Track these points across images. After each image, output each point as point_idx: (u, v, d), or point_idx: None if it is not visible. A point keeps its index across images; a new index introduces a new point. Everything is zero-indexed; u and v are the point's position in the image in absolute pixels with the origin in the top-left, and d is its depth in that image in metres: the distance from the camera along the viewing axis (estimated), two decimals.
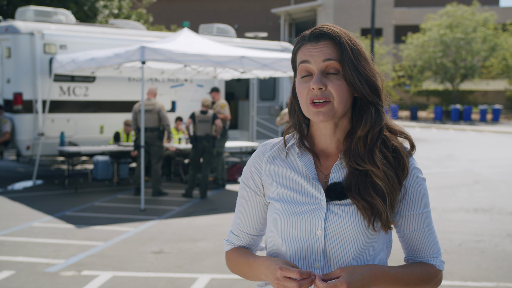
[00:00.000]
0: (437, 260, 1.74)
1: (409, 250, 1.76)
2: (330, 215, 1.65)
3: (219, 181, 11.25)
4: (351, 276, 1.55)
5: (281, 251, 1.70)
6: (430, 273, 1.72)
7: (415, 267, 1.71)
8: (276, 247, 1.72)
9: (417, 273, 1.69)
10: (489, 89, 40.23)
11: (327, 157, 1.72)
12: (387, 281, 1.63)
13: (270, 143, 1.80)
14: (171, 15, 45.10)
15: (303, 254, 1.66)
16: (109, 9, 21.70)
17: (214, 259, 6.41)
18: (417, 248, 1.73)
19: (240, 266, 1.80)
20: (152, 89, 10.44)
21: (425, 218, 1.72)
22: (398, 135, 1.73)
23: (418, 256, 1.74)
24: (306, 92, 1.64)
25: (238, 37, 14.61)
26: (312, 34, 1.66)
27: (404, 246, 1.77)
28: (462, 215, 8.90)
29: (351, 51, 1.63)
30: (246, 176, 1.81)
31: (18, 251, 6.63)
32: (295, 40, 1.72)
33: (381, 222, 1.63)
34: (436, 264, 1.74)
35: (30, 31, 11.22)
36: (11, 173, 12.99)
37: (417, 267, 1.71)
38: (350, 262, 1.64)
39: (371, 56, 1.72)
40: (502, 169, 14.24)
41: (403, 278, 1.66)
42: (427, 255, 1.74)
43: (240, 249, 1.84)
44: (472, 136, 24.53)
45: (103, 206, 9.38)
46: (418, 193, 1.71)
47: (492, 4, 45.32)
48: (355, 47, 1.65)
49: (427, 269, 1.72)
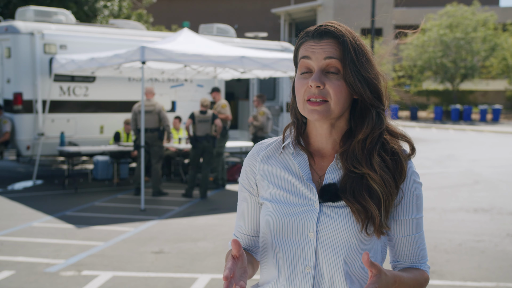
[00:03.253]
0: (425, 265, 1.72)
1: (398, 255, 1.71)
2: (322, 217, 1.61)
3: (219, 181, 11.25)
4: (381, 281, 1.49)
5: (273, 252, 1.67)
6: (425, 278, 1.70)
7: (415, 272, 1.68)
8: (268, 248, 1.68)
9: (418, 278, 1.67)
10: (489, 89, 40.23)
11: (322, 157, 1.69)
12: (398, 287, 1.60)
13: (265, 143, 1.77)
14: (171, 15, 45.09)
15: (295, 256, 1.63)
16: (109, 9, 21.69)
17: (214, 259, 6.41)
18: (409, 253, 1.70)
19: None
20: (149, 89, 10.39)
21: (418, 224, 1.69)
22: (398, 138, 1.68)
23: (409, 261, 1.71)
24: (304, 89, 1.61)
25: (238, 37, 14.61)
26: (316, 31, 1.63)
27: (392, 250, 1.72)
28: (462, 215, 8.90)
29: (354, 51, 1.60)
30: (242, 176, 1.78)
31: (18, 251, 6.63)
32: (299, 36, 1.68)
33: (373, 227, 1.59)
34: (426, 270, 1.72)
35: (30, 31, 11.22)
36: (11, 173, 12.99)
37: (416, 273, 1.68)
38: (342, 266, 1.60)
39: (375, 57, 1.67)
40: (502, 169, 14.24)
41: (411, 284, 1.63)
42: (418, 261, 1.71)
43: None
44: (472, 136, 24.53)
45: (103, 206, 9.38)
46: (414, 198, 1.67)
47: (492, 4, 45.33)
48: (358, 48, 1.61)
49: (422, 274, 1.69)
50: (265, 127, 11.29)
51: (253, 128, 11.39)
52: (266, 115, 11.30)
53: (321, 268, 1.61)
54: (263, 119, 11.24)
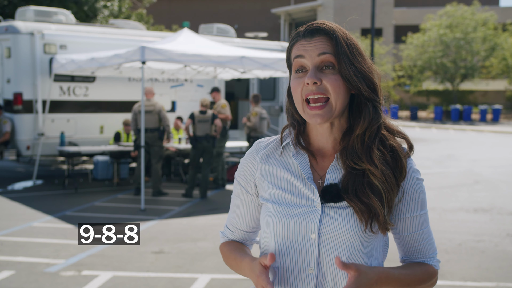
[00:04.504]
0: (434, 260, 1.72)
1: (406, 251, 1.72)
2: (325, 218, 1.60)
3: (219, 181, 11.26)
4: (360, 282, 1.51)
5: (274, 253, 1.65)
6: (429, 273, 1.70)
7: (415, 267, 1.69)
8: (270, 250, 1.67)
9: (417, 273, 1.67)
10: (489, 89, 40.23)
11: (323, 157, 1.67)
12: (390, 283, 1.60)
13: (264, 141, 1.76)
14: (171, 15, 45.10)
15: (297, 258, 1.61)
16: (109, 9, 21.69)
17: (214, 259, 6.41)
18: (415, 249, 1.70)
19: (230, 261, 1.78)
20: (149, 88, 10.38)
21: (423, 220, 1.69)
22: (396, 135, 1.68)
23: (416, 257, 1.71)
24: (300, 88, 1.60)
25: (238, 37, 14.61)
26: (307, 29, 1.63)
27: (400, 248, 1.73)
28: (462, 215, 8.90)
29: (346, 45, 1.60)
30: (240, 174, 1.77)
31: (18, 251, 6.63)
32: (290, 37, 1.68)
33: (378, 224, 1.58)
34: (434, 264, 1.71)
35: (30, 31, 11.22)
36: (11, 173, 12.99)
37: (417, 268, 1.69)
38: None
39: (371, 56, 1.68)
40: (502, 169, 14.24)
41: (405, 280, 1.63)
42: (424, 256, 1.71)
43: (232, 243, 1.81)
44: (472, 136, 24.53)
45: (103, 206, 9.38)
46: (416, 195, 1.66)
47: (492, 4, 45.33)
48: (350, 42, 1.61)
49: (426, 269, 1.69)
50: (258, 127, 11.28)
51: (246, 128, 11.42)
52: (259, 115, 11.27)
53: (323, 270, 1.61)
54: (255, 119, 11.22)
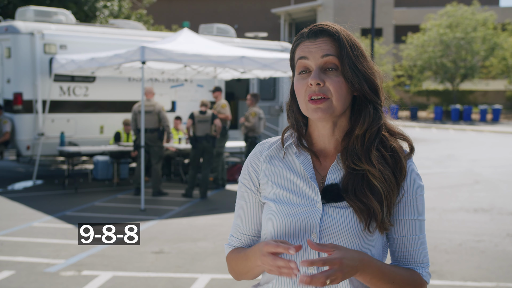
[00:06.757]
0: (424, 270, 1.67)
1: (396, 256, 1.69)
2: (325, 218, 1.61)
3: (219, 181, 11.25)
4: (344, 254, 1.49)
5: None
6: (415, 280, 1.65)
7: (402, 269, 1.65)
8: None
9: (403, 274, 1.63)
10: (489, 89, 40.24)
11: (325, 158, 1.69)
12: (373, 272, 1.56)
13: (267, 142, 1.77)
14: (171, 15, 45.09)
15: (297, 257, 1.61)
16: (109, 9, 21.70)
17: (214, 259, 6.41)
18: (405, 254, 1.67)
19: (239, 262, 1.73)
20: (149, 88, 10.38)
21: (418, 226, 1.66)
22: (397, 137, 1.68)
23: (405, 263, 1.67)
24: (304, 89, 1.62)
25: (238, 37, 14.61)
26: (311, 30, 1.65)
27: (391, 251, 1.71)
28: (462, 215, 8.90)
29: (350, 47, 1.61)
30: (244, 176, 1.77)
31: (18, 251, 6.63)
32: (294, 38, 1.70)
33: (376, 223, 1.59)
34: (423, 274, 1.67)
35: (30, 31, 11.22)
36: (11, 173, 13.00)
37: (403, 270, 1.65)
38: None
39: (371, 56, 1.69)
40: (502, 169, 14.24)
41: (389, 275, 1.59)
42: (414, 263, 1.67)
43: (239, 248, 1.78)
44: (472, 136, 24.53)
45: (103, 206, 9.38)
46: (414, 198, 1.66)
47: (492, 4, 45.32)
48: (354, 44, 1.63)
49: (412, 275, 1.65)
50: (257, 128, 11.23)
51: (244, 128, 11.34)
52: (258, 115, 11.23)
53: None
54: (254, 120, 11.16)
